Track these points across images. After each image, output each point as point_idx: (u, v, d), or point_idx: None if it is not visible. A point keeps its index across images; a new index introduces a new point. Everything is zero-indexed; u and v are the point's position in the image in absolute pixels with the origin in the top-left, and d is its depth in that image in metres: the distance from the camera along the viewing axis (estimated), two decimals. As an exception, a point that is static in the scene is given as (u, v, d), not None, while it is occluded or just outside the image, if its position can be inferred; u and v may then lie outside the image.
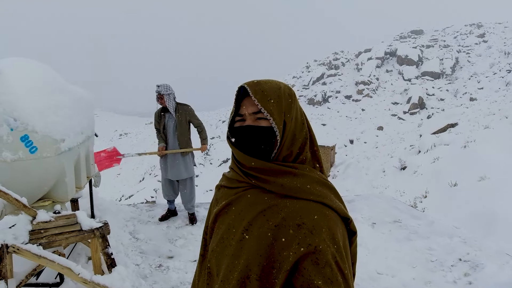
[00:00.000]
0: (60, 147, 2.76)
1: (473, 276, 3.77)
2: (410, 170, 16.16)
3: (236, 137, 1.09)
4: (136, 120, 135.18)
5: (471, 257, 4.14)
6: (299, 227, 0.93)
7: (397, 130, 43.01)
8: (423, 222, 5.25)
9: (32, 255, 2.30)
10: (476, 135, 15.44)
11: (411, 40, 79.44)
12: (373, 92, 62.28)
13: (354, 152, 35.29)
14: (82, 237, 2.51)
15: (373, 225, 5.16)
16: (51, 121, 2.69)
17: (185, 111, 4.87)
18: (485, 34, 73.57)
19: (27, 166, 2.60)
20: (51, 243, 2.42)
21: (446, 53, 66.92)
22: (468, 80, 57.30)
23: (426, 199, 11.72)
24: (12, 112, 2.51)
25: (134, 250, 4.18)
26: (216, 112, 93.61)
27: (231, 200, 1.10)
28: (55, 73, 3.20)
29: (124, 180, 42.35)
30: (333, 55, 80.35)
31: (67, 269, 2.34)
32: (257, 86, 1.04)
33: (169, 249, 4.28)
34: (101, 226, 2.56)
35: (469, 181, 10.57)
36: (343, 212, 1.00)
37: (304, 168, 1.05)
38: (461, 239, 4.63)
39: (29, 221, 2.42)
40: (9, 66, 2.68)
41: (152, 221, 5.10)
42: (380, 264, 4.02)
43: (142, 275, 3.66)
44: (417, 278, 3.78)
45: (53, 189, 2.93)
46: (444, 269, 3.93)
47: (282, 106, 1.03)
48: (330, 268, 0.89)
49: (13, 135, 2.53)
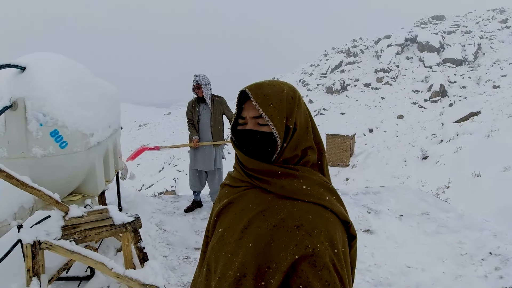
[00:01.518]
0: (89, 142, 2.77)
1: (504, 270, 3.67)
2: (432, 160, 15.91)
3: (238, 139, 1.10)
4: (154, 111, 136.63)
5: (502, 251, 4.03)
6: (298, 228, 0.93)
7: (418, 119, 42.33)
8: (452, 215, 5.14)
9: (65, 251, 2.32)
10: (500, 124, 15.06)
11: (432, 26, 77.51)
12: (393, 79, 61.21)
13: (373, 142, 34.90)
14: (114, 232, 2.51)
15: (401, 217, 5.07)
16: (80, 116, 2.69)
17: (220, 103, 4.88)
18: (508, 19, 71.21)
19: (58, 161, 2.61)
20: (83, 239, 2.43)
21: (468, 39, 65.15)
22: (491, 67, 55.74)
23: (449, 189, 11.53)
24: (41, 107, 2.52)
25: (161, 242, 4.21)
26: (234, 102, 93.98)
27: (233, 198, 1.11)
28: (83, 67, 3.20)
29: (144, 170, 42.96)
30: (352, 42, 79.14)
31: (101, 264, 2.36)
32: (259, 90, 1.03)
33: (196, 241, 4.29)
34: (133, 221, 2.56)
35: (493, 171, 10.35)
36: (343, 216, 1.01)
37: (306, 170, 1.05)
38: (491, 232, 4.51)
39: (62, 217, 2.44)
40: (36, 61, 2.68)
41: (177, 213, 5.13)
42: (409, 258, 3.95)
43: (171, 267, 3.68)
44: (447, 272, 3.70)
45: (83, 184, 2.95)
46: (475, 263, 3.84)
47: (284, 111, 1.02)
48: (328, 271, 0.89)
49: (43, 131, 2.54)
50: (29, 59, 2.62)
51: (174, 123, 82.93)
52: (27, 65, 2.51)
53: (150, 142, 64.23)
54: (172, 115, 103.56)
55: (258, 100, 1.01)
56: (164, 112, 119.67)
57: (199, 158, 4.91)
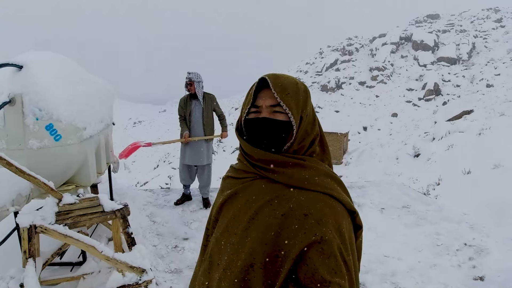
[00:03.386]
0: (82, 135, 2.95)
1: (477, 260, 3.87)
2: (424, 158, 16.11)
3: (249, 129, 1.09)
4: (149, 108, 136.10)
5: (477, 242, 4.24)
6: (306, 216, 0.95)
7: (412, 117, 42.59)
8: (432, 208, 5.35)
9: (58, 234, 2.49)
10: (492, 123, 15.29)
11: (426, 24, 77.78)
12: (387, 78, 61.47)
13: (367, 139, 35.10)
14: (104, 218, 2.70)
15: (382, 210, 5.27)
16: (74, 110, 2.87)
17: (211, 100, 5.07)
18: (503, 19, 71.61)
19: (53, 153, 2.80)
20: (76, 224, 2.61)
21: (463, 38, 65.43)
22: (485, 66, 56.07)
23: (439, 186, 11.71)
24: (37, 103, 2.70)
25: (152, 232, 4.39)
26: (229, 99, 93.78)
27: (237, 189, 1.12)
28: (77, 64, 3.39)
29: (139, 167, 42.91)
30: (347, 40, 79.29)
31: (91, 247, 2.54)
32: (276, 79, 1.05)
33: (185, 231, 4.48)
34: (122, 208, 2.75)
35: (483, 169, 10.52)
36: (349, 205, 1.03)
37: (313, 160, 1.07)
38: (469, 225, 4.72)
39: (56, 203, 2.62)
40: (32, 60, 2.85)
41: (168, 205, 5.32)
42: (388, 248, 4.15)
43: (159, 255, 3.88)
44: (422, 261, 3.89)
45: (76, 174, 3.13)
46: (449, 253, 4.04)
47: (300, 101, 1.05)
48: (335, 259, 0.90)
49: (39, 124, 2.73)
50: (26, 58, 2.79)
51: (170, 120, 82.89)
52: (24, 64, 2.70)
53: (145, 139, 64.08)
54: (167, 112, 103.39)
55: (277, 89, 1.03)
56: (159, 110, 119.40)
57: (190, 153, 5.07)
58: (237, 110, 60.21)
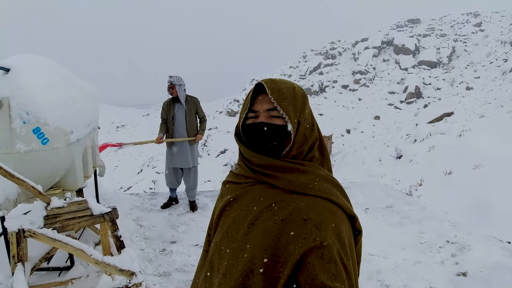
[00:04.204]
0: (70, 138, 2.95)
1: (459, 257, 3.99)
2: (406, 159, 16.35)
3: (247, 134, 1.10)
4: (133, 111, 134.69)
5: (459, 240, 4.36)
6: (306, 222, 0.95)
7: (394, 120, 43.19)
8: (415, 207, 5.47)
9: (47, 238, 2.48)
10: (472, 124, 15.65)
11: (408, 29, 79.12)
12: (370, 81, 62.22)
13: (351, 142, 35.45)
14: (93, 222, 2.69)
15: (366, 210, 5.37)
16: (61, 114, 2.87)
17: (194, 103, 5.09)
18: (482, 23, 73.31)
19: (40, 156, 2.79)
20: (64, 227, 2.60)
21: (443, 42, 66.69)
22: (465, 69, 57.23)
23: (421, 187, 11.92)
24: (25, 106, 2.69)
25: (139, 236, 4.38)
26: (214, 103, 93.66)
27: (237, 194, 1.11)
28: (64, 68, 3.38)
29: (122, 172, 42.46)
30: (330, 44, 79.96)
31: (80, 251, 2.53)
32: (273, 84, 1.05)
33: (172, 235, 4.48)
34: (111, 211, 2.74)
35: (463, 169, 10.74)
36: (349, 210, 1.02)
37: (312, 165, 1.07)
38: (451, 223, 4.85)
39: (44, 207, 2.60)
40: (20, 63, 2.84)
41: (154, 209, 5.31)
42: (373, 247, 4.24)
43: (148, 259, 3.87)
44: (407, 259, 3.99)
45: (63, 178, 3.12)
46: (433, 251, 4.15)
47: (297, 106, 1.05)
48: (335, 264, 0.90)
49: (26, 128, 2.72)
50: (13, 61, 2.78)
51: (153, 124, 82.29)
52: (11, 67, 2.68)
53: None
54: (151, 116, 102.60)
55: (274, 94, 1.03)
56: (142, 113, 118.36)
57: (176, 156, 5.08)
58: (221, 114, 60.08)
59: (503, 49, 56.84)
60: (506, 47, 56.65)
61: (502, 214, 6.82)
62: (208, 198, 5.80)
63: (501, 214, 6.84)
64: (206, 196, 5.96)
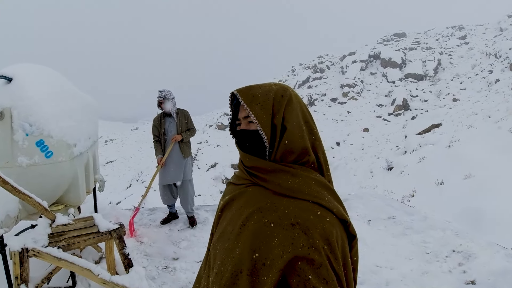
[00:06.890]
0: (73, 152, 2.84)
1: (466, 265, 3.97)
2: (397, 170, 16.42)
3: (237, 140, 1.15)
4: (121, 126, 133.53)
5: (464, 248, 4.34)
6: (293, 226, 0.94)
7: (383, 132, 43.51)
8: (416, 217, 5.45)
9: (52, 258, 2.37)
10: (460, 135, 15.79)
11: (394, 43, 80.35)
12: (358, 94, 62.80)
13: (341, 154, 35.56)
14: (99, 239, 2.58)
15: (369, 222, 5.33)
16: (65, 126, 2.77)
17: (184, 115, 4.99)
18: (467, 36, 74.83)
19: (43, 170, 2.67)
20: (70, 246, 2.49)
21: (429, 55, 67.80)
22: (451, 81, 58.15)
23: (414, 198, 11.96)
24: (27, 117, 2.59)
25: (139, 253, 4.24)
26: (203, 117, 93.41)
27: (235, 195, 1.14)
28: (64, 78, 3.28)
29: (110, 187, 41.74)
30: (318, 58, 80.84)
31: (87, 271, 2.42)
32: (249, 91, 1.08)
33: (174, 251, 4.35)
34: (118, 228, 2.64)
35: (455, 179, 10.82)
36: (340, 214, 1.01)
37: (304, 169, 1.05)
38: (453, 232, 4.83)
39: (48, 224, 2.49)
40: (22, 72, 2.74)
41: (154, 225, 5.16)
42: (379, 258, 4.18)
43: (150, 277, 3.73)
44: (414, 269, 3.95)
45: (66, 193, 3.00)
46: (439, 260, 4.12)
47: (270, 109, 1.04)
48: (326, 269, 0.90)
49: (29, 140, 2.61)
50: (16, 70, 2.68)
51: (142, 138, 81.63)
52: (13, 76, 2.58)
53: (117, 158, 62.78)
54: (139, 130, 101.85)
55: (247, 100, 1.06)
56: (131, 127, 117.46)
57: (168, 172, 4.91)
58: (211, 128, 59.99)
59: (488, 60, 57.99)
60: (491, 59, 57.81)
61: (496, 222, 6.86)
62: (209, 213, 5.67)
63: (495, 221, 6.88)
64: (206, 210, 5.83)
